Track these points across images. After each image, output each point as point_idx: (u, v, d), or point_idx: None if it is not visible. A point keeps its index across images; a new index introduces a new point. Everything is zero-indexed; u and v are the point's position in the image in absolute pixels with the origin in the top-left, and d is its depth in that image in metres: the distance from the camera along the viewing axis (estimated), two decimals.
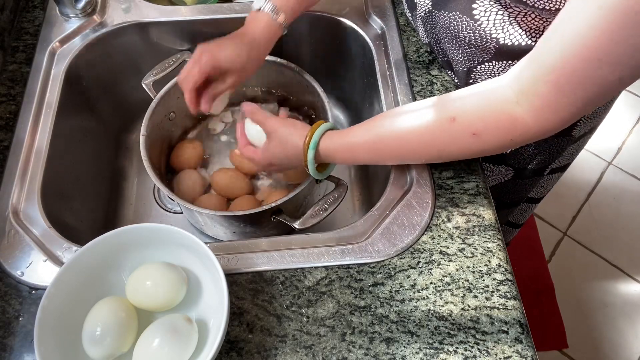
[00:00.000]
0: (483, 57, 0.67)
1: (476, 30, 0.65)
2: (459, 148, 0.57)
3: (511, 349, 0.58)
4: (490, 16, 0.63)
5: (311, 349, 0.58)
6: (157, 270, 0.59)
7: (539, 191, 0.99)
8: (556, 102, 0.48)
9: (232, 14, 0.87)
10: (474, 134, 0.53)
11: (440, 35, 0.71)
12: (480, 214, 0.66)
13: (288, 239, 0.66)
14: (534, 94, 0.48)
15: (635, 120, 1.92)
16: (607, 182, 1.78)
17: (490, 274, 0.62)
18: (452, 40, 0.70)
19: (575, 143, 0.84)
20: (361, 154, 0.64)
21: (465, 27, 0.66)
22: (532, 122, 0.50)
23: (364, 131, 0.63)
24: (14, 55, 0.82)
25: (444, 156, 0.61)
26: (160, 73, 0.84)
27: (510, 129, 0.52)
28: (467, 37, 0.67)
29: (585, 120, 0.75)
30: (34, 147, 0.73)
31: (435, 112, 0.57)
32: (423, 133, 0.58)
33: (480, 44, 0.66)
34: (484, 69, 0.69)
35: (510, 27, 0.62)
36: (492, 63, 0.67)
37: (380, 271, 0.63)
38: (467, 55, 0.69)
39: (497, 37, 0.64)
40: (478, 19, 0.64)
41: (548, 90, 0.47)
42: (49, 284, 0.54)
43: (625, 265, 1.62)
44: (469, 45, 0.68)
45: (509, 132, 0.52)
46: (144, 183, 0.93)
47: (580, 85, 0.46)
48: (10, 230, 0.66)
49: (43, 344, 0.52)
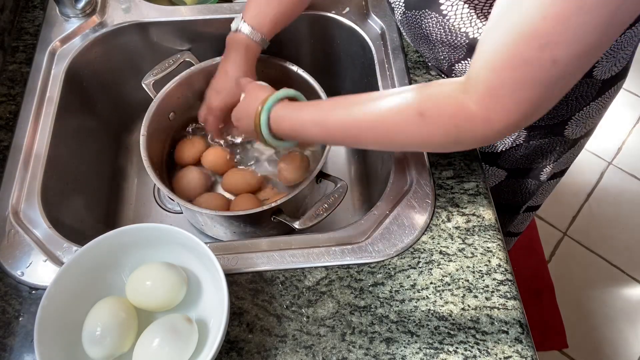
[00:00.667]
0: (457, 55, 0.67)
1: (446, 26, 0.64)
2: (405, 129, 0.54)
3: (511, 349, 0.58)
4: (457, 10, 0.62)
5: (311, 349, 0.58)
6: (157, 270, 0.59)
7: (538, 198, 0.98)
8: (495, 87, 0.47)
9: (232, 14, 0.87)
10: (419, 114, 0.52)
11: (416, 37, 0.71)
12: (480, 214, 0.66)
13: (288, 239, 0.66)
14: (477, 80, 0.48)
15: (635, 120, 1.92)
16: (607, 182, 1.78)
17: (490, 274, 0.62)
18: (426, 40, 0.69)
19: (572, 148, 0.83)
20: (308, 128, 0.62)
21: (436, 23, 0.65)
22: (475, 109, 0.48)
23: (314, 107, 0.63)
24: (14, 55, 0.82)
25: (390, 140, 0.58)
26: (160, 73, 0.84)
27: (454, 113, 0.50)
28: (438, 34, 0.66)
29: (579, 119, 0.75)
30: (34, 147, 0.73)
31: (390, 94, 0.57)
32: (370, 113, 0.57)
33: (452, 40, 0.65)
34: (461, 68, 0.69)
35: (477, 20, 0.61)
36: (467, 61, 0.67)
37: (380, 271, 0.63)
38: (442, 55, 0.69)
39: (467, 31, 0.63)
40: (446, 14, 0.63)
41: (487, 76, 0.46)
42: (49, 284, 0.54)
43: (625, 265, 1.62)
44: (442, 44, 0.67)
45: (454, 116, 0.50)
46: (144, 183, 0.93)
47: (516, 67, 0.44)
48: (10, 230, 0.66)
49: (43, 344, 0.52)
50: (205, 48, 0.88)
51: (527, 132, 0.75)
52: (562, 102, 0.69)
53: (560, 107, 0.71)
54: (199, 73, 0.84)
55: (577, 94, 0.69)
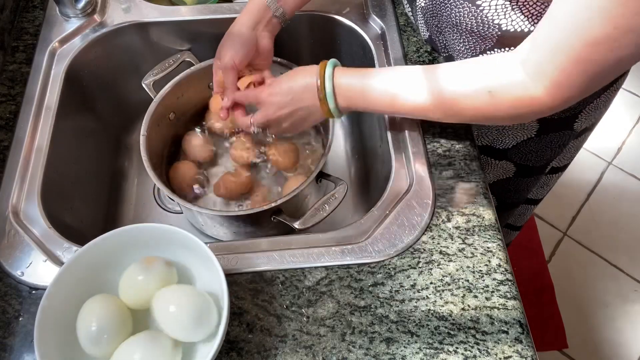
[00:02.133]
0: (485, 45, 0.67)
1: (478, 17, 0.64)
2: (473, 105, 0.59)
3: (511, 349, 0.58)
4: (492, 2, 0.63)
5: (311, 349, 0.58)
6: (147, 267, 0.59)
7: (538, 192, 0.99)
8: (560, 80, 0.51)
9: (232, 14, 0.87)
10: (489, 92, 0.57)
11: (441, 26, 0.71)
12: (480, 214, 0.66)
13: (288, 239, 0.66)
14: (542, 73, 0.52)
15: (635, 120, 1.92)
16: (607, 182, 1.78)
17: (490, 274, 0.62)
18: (453, 29, 0.69)
19: (576, 139, 0.84)
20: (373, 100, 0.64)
21: (467, 13, 0.65)
22: (542, 96, 0.54)
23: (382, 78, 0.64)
24: (14, 55, 0.82)
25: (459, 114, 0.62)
26: (160, 73, 0.84)
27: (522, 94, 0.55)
28: (468, 24, 0.66)
29: (587, 113, 0.76)
30: (33, 147, 0.73)
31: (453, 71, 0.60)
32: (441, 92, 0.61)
33: (482, 31, 0.66)
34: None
35: (512, 12, 0.62)
36: (494, 51, 0.67)
37: (380, 271, 0.63)
38: (469, 44, 0.69)
39: (500, 23, 0.63)
40: (480, 5, 0.63)
41: (552, 70, 0.51)
42: (49, 284, 0.54)
43: (625, 265, 1.62)
44: (470, 34, 0.67)
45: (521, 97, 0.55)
46: (144, 183, 0.93)
47: (580, 64, 0.49)
48: (10, 230, 0.66)
49: (43, 344, 0.52)
50: (205, 48, 0.88)
51: (539, 126, 0.76)
52: None
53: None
54: (199, 73, 0.84)
55: None
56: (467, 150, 0.72)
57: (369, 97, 0.65)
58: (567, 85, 0.52)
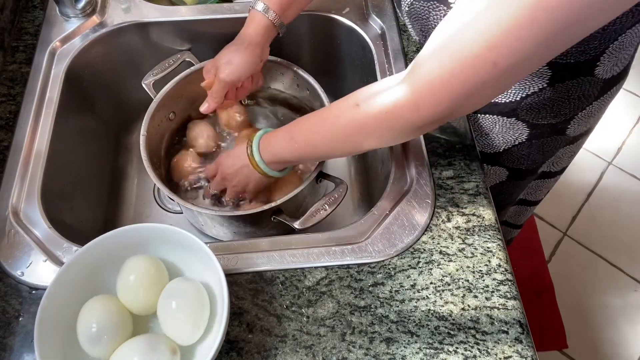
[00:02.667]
0: None
1: None
2: (342, 117, 0.59)
3: (511, 349, 0.58)
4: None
5: (311, 349, 0.58)
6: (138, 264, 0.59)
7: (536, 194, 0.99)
8: (434, 75, 0.49)
9: (232, 14, 0.87)
10: (355, 104, 0.57)
11: (424, 30, 0.72)
12: (480, 214, 0.66)
13: (288, 239, 0.66)
14: (421, 66, 0.50)
15: (635, 120, 1.92)
16: (607, 182, 1.78)
17: (490, 274, 0.62)
18: (432, 31, 0.69)
19: (571, 145, 0.83)
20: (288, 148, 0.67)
21: (443, 15, 0.65)
22: (407, 95, 0.51)
23: (286, 130, 0.67)
24: (14, 55, 0.82)
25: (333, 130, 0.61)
26: (160, 73, 0.84)
27: (386, 99, 0.54)
28: None
29: (580, 119, 0.75)
30: (34, 147, 0.73)
31: (345, 100, 0.61)
32: (326, 112, 0.63)
33: None
34: None
35: None
36: None
37: (380, 271, 0.63)
38: None
39: None
40: (453, 6, 0.63)
41: (431, 64, 0.49)
42: (49, 284, 0.54)
43: (625, 265, 1.62)
44: None
45: (385, 103, 0.54)
46: (144, 183, 0.93)
47: (461, 60, 0.46)
48: (10, 230, 0.66)
49: (43, 344, 0.52)
50: (205, 48, 0.88)
51: (530, 131, 0.75)
52: (565, 101, 0.70)
53: (563, 107, 0.71)
54: (199, 73, 0.84)
55: (579, 94, 0.69)
56: (467, 150, 0.72)
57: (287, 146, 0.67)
58: (436, 84, 0.49)
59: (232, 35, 0.77)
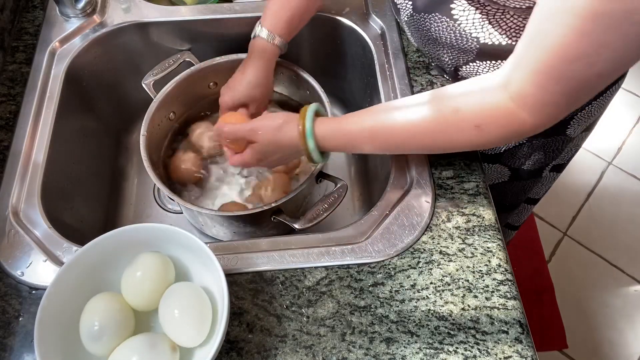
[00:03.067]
0: (467, 57, 0.68)
1: (456, 30, 0.65)
2: (463, 139, 0.58)
3: (511, 349, 0.58)
4: (469, 16, 0.63)
5: (311, 349, 0.58)
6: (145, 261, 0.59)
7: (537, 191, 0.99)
8: (543, 100, 0.51)
9: (232, 14, 0.87)
10: (476, 126, 0.56)
11: (423, 38, 0.72)
12: (480, 214, 0.66)
13: (288, 239, 0.66)
14: (525, 95, 0.52)
15: (635, 120, 1.92)
16: (607, 182, 1.78)
17: (490, 274, 0.62)
18: (434, 42, 0.70)
19: (572, 142, 0.84)
20: (356, 140, 0.63)
21: (446, 27, 0.66)
22: (527, 117, 0.53)
23: (359, 118, 0.63)
24: (14, 55, 0.82)
25: (447, 146, 0.62)
26: (160, 73, 0.84)
27: (508, 123, 0.55)
28: (448, 38, 0.67)
29: (580, 119, 0.75)
30: (34, 147, 0.73)
31: (438, 103, 0.58)
32: (427, 123, 0.59)
33: (461, 44, 0.66)
34: (470, 69, 0.69)
35: (489, 26, 0.63)
36: (477, 63, 0.68)
37: (380, 271, 0.63)
38: (452, 56, 0.70)
39: (477, 36, 0.64)
40: (457, 19, 0.64)
41: (535, 91, 0.51)
42: (49, 284, 0.54)
43: (625, 265, 1.62)
44: (451, 47, 0.68)
45: (508, 125, 0.55)
46: (144, 183, 0.93)
47: (560, 82, 0.49)
48: (10, 230, 0.66)
49: (43, 344, 0.52)
50: (205, 48, 0.89)
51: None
52: None
53: None
54: (199, 73, 0.84)
55: None
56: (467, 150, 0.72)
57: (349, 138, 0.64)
58: (550, 104, 0.51)
59: (232, 35, 0.78)
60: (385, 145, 0.64)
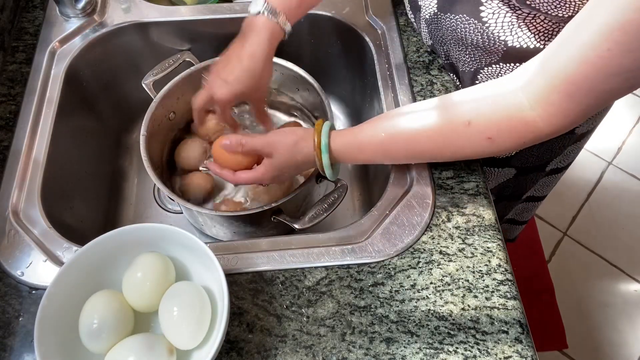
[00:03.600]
0: (490, 59, 0.67)
1: (484, 33, 0.65)
2: (473, 150, 0.58)
3: (511, 349, 0.58)
4: (498, 18, 0.63)
5: (311, 349, 0.58)
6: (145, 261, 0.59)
7: (541, 190, 0.99)
8: (568, 108, 0.50)
9: (232, 14, 0.87)
10: (488, 138, 0.55)
11: (445, 38, 0.71)
12: (480, 214, 0.66)
13: (288, 239, 0.66)
14: (548, 102, 0.50)
15: (635, 120, 1.92)
16: (607, 182, 1.78)
17: (490, 274, 0.62)
18: (458, 42, 0.70)
19: (577, 142, 0.84)
20: (370, 154, 0.64)
21: (473, 29, 0.66)
22: (544, 126, 0.52)
23: (372, 130, 0.63)
24: (14, 55, 0.82)
25: (457, 157, 0.62)
26: (160, 73, 0.84)
27: (523, 133, 0.54)
28: (474, 39, 0.67)
29: (587, 120, 0.76)
30: (34, 147, 0.73)
31: (449, 114, 0.58)
32: (437, 135, 0.58)
33: (487, 46, 0.66)
34: (491, 71, 0.69)
35: (518, 29, 0.62)
36: (500, 65, 0.67)
37: (380, 271, 0.63)
38: (474, 57, 0.69)
39: (505, 39, 0.64)
40: (486, 22, 0.64)
41: (561, 99, 0.49)
42: (49, 284, 0.54)
43: (625, 265, 1.62)
44: (475, 48, 0.68)
45: (523, 136, 0.54)
46: (144, 183, 0.93)
47: (592, 93, 0.48)
48: (10, 230, 0.66)
49: (43, 344, 0.52)
50: (205, 48, 0.89)
51: None
52: None
53: None
54: (199, 73, 0.84)
55: None
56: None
57: (361, 149, 0.63)
58: (572, 115, 0.50)
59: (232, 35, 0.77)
60: (395, 157, 0.65)
